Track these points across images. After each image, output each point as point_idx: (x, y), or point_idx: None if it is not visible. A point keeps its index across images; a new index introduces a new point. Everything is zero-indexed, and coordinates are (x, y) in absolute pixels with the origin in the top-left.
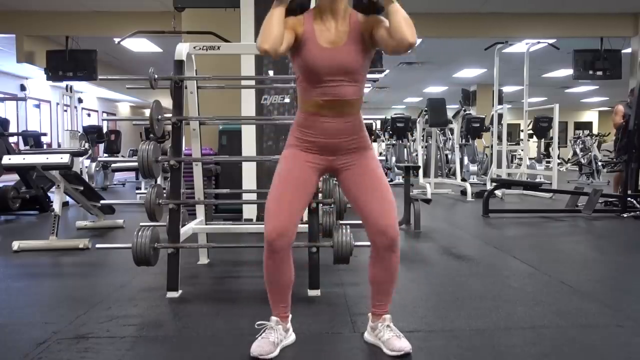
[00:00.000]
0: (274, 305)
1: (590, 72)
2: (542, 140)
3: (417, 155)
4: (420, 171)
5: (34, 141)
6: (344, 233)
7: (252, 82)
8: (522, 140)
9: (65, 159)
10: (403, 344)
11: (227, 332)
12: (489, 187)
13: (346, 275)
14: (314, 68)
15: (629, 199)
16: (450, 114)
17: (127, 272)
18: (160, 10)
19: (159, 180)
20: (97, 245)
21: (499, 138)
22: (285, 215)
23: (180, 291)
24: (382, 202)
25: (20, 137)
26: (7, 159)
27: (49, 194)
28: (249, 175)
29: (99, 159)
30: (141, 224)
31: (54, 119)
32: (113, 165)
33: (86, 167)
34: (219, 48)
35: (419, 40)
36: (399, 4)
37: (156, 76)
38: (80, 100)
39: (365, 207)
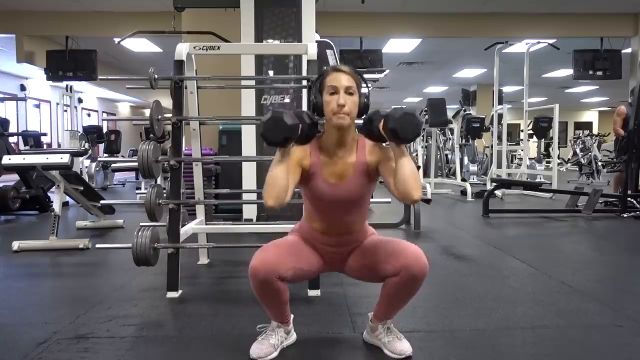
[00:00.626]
0: (273, 317)
1: (590, 72)
2: (542, 140)
3: (417, 155)
4: (420, 171)
5: (34, 141)
6: None
7: (252, 82)
8: (522, 140)
9: (65, 159)
10: (404, 347)
11: (227, 332)
12: (489, 187)
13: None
14: (320, 200)
15: (629, 199)
16: (450, 114)
17: (127, 272)
18: (160, 10)
19: (159, 180)
20: (97, 245)
21: (499, 138)
22: (281, 257)
23: (180, 291)
24: (400, 244)
25: (20, 137)
26: (7, 159)
27: (49, 194)
28: (249, 175)
29: (99, 159)
30: (141, 224)
31: (54, 119)
32: (113, 165)
33: (86, 167)
34: (219, 48)
35: (418, 40)
36: (408, 153)
37: (156, 76)
38: (80, 100)
39: (383, 261)
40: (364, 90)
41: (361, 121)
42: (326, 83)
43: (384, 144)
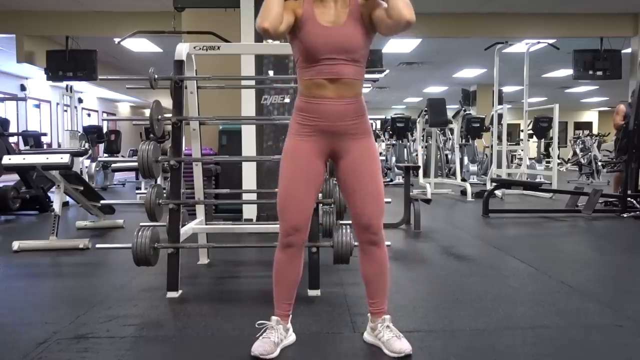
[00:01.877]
0: (278, 302)
1: (590, 72)
2: (542, 140)
3: (417, 155)
4: (420, 171)
5: (34, 141)
6: (344, 233)
7: (252, 82)
8: (522, 140)
9: (65, 159)
10: (403, 345)
11: (227, 332)
12: (489, 187)
13: (346, 275)
14: (313, 46)
15: (629, 199)
16: (450, 114)
17: (127, 272)
18: (160, 10)
19: (159, 180)
20: (97, 245)
21: (499, 138)
22: (297, 212)
23: (180, 291)
24: (371, 199)
25: (20, 137)
26: (7, 159)
27: (49, 194)
28: (249, 175)
29: (99, 159)
30: (141, 224)
31: (54, 119)
32: (113, 165)
33: (86, 167)
34: (219, 48)
35: (418, 40)
36: None
37: (156, 76)
38: (80, 100)
39: (354, 201)
40: None
41: None
42: None
43: None
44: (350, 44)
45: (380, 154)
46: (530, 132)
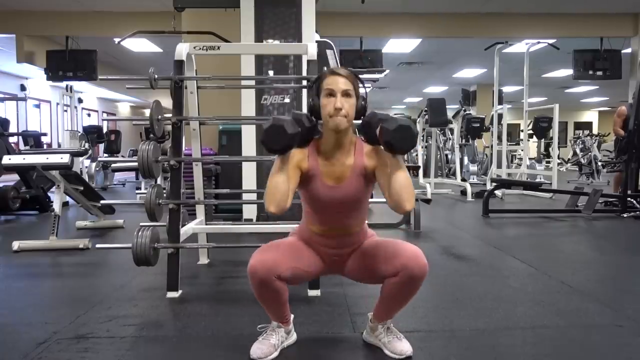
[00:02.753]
0: (273, 317)
1: (590, 72)
2: (542, 140)
3: (417, 155)
4: (420, 171)
5: (34, 141)
6: None
7: (252, 82)
8: (522, 140)
9: (65, 159)
10: (404, 347)
11: (227, 332)
12: (489, 187)
13: None
14: (319, 202)
15: (629, 199)
16: (450, 114)
17: (127, 272)
18: (160, 10)
19: (159, 180)
20: (97, 245)
21: (499, 138)
22: (279, 256)
23: (180, 291)
24: (399, 245)
25: (20, 137)
26: (7, 159)
27: (49, 194)
28: (249, 175)
29: (99, 159)
30: (141, 224)
31: (54, 119)
32: (113, 165)
33: (86, 167)
34: (219, 48)
35: (418, 40)
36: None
37: (156, 76)
38: (80, 100)
39: (382, 262)
40: (362, 91)
41: (359, 121)
42: (323, 86)
43: (381, 147)
44: (353, 199)
45: None
46: (530, 132)
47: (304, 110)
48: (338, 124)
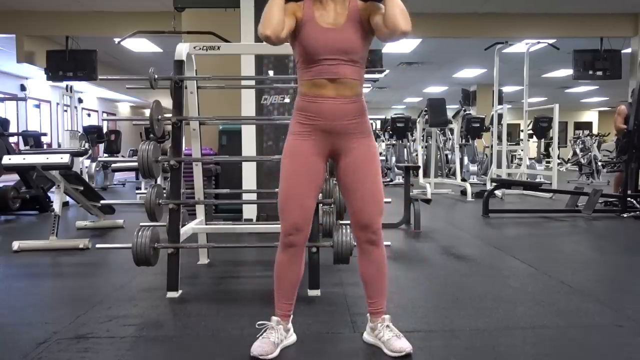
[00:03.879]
0: (279, 302)
1: (590, 72)
2: (542, 140)
3: (417, 155)
4: (420, 171)
5: (34, 141)
6: (344, 233)
7: (252, 82)
8: (522, 140)
9: (65, 159)
10: (403, 345)
11: (227, 332)
12: (489, 187)
13: (346, 275)
14: (313, 48)
15: (629, 199)
16: (450, 114)
17: (127, 272)
18: (160, 10)
19: (159, 180)
20: (97, 245)
21: (499, 138)
22: (298, 211)
23: (180, 291)
24: (370, 199)
25: (20, 137)
26: (7, 159)
27: (49, 194)
28: (249, 175)
29: (99, 159)
30: (141, 224)
31: (54, 119)
32: (113, 165)
33: (86, 167)
34: (219, 48)
35: (418, 40)
36: None
37: (156, 76)
38: (80, 100)
39: (353, 201)
40: None
41: None
42: None
43: (375, 3)
44: (349, 46)
45: (380, 154)
46: (530, 132)
47: None
48: None
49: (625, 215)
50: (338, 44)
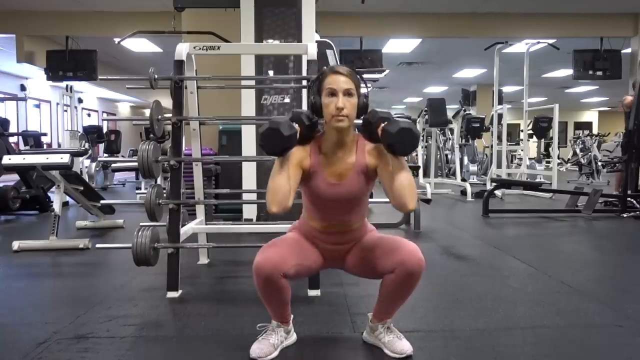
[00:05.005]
0: (273, 315)
1: (590, 72)
2: (542, 140)
3: (417, 155)
4: (420, 171)
5: (34, 141)
6: None
7: (252, 82)
8: (522, 140)
9: (65, 159)
10: (404, 346)
11: (227, 332)
12: (489, 187)
13: (346, 275)
14: (321, 199)
15: (629, 199)
16: (450, 114)
17: (127, 272)
18: (160, 10)
19: (159, 180)
20: (97, 245)
21: (499, 138)
22: (284, 253)
23: (180, 291)
24: (397, 242)
25: (20, 137)
26: (7, 159)
27: (49, 194)
28: (249, 175)
29: (99, 159)
30: (141, 224)
31: (54, 119)
32: (113, 165)
33: (86, 167)
34: (219, 48)
35: (419, 40)
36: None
37: (156, 76)
38: (80, 100)
39: (381, 257)
40: (363, 90)
41: (360, 121)
42: (325, 85)
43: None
44: (354, 196)
45: None
46: (530, 132)
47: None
48: (340, 124)
49: (625, 215)
50: (345, 198)
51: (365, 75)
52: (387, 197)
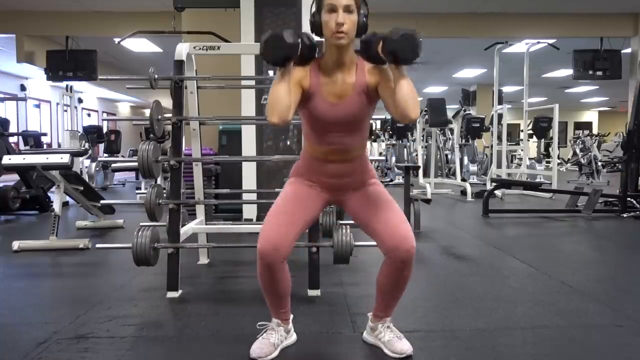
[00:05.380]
0: (273, 311)
1: (590, 72)
2: (542, 140)
3: (417, 155)
4: (420, 171)
5: (34, 141)
6: (344, 233)
7: (252, 82)
8: (522, 140)
9: (65, 159)
10: (404, 346)
11: (227, 332)
12: (489, 187)
13: (346, 275)
14: (319, 121)
15: (628, 199)
16: (450, 114)
17: (127, 272)
18: (160, 10)
19: (159, 180)
20: (97, 245)
21: (499, 138)
22: (282, 229)
23: (180, 291)
24: (394, 217)
25: (20, 137)
26: (7, 159)
27: (49, 194)
28: (249, 175)
29: (99, 159)
30: (141, 224)
31: (54, 119)
32: (113, 165)
33: (86, 167)
34: (219, 48)
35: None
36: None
37: (156, 76)
38: (80, 100)
39: (377, 226)
40: (363, 10)
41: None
42: (325, 1)
43: (383, 66)
44: (355, 118)
45: (380, 154)
46: (530, 132)
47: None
48: (340, 42)
49: (625, 215)
50: (344, 118)
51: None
52: (389, 112)
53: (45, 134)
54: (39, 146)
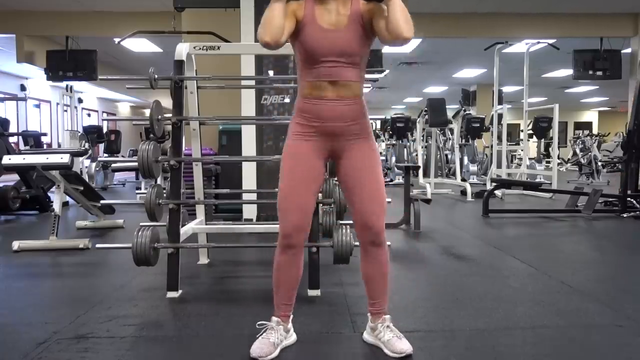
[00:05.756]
0: (278, 303)
1: (590, 72)
2: (542, 140)
3: (417, 155)
4: (420, 171)
5: (34, 141)
6: (344, 233)
7: (252, 82)
8: (522, 140)
9: (65, 159)
10: (404, 346)
11: (227, 332)
12: (489, 187)
13: (346, 275)
14: (313, 49)
15: (628, 199)
16: (450, 114)
17: (127, 272)
18: (160, 10)
19: (159, 180)
20: (97, 245)
21: (499, 138)
22: (298, 211)
23: (180, 291)
24: (372, 199)
25: (20, 137)
26: (7, 159)
27: (49, 194)
28: (249, 175)
29: (99, 159)
30: (141, 224)
31: (54, 119)
32: (113, 165)
33: (86, 167)
34: (219, 48)
35: (419, 40)
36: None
37: (156, 76)
38: (80, 100)
39: (355, 201)
40: None
41: None
42: None
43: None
44: (349, 48)
45: (380, 154)
46: (530, 132)
47: None
48: None
49: (625, 215)
50: (339, 46)
51: (365, 76)
52: (383, 36)
53: (45, 134)
54: (39, 146)
